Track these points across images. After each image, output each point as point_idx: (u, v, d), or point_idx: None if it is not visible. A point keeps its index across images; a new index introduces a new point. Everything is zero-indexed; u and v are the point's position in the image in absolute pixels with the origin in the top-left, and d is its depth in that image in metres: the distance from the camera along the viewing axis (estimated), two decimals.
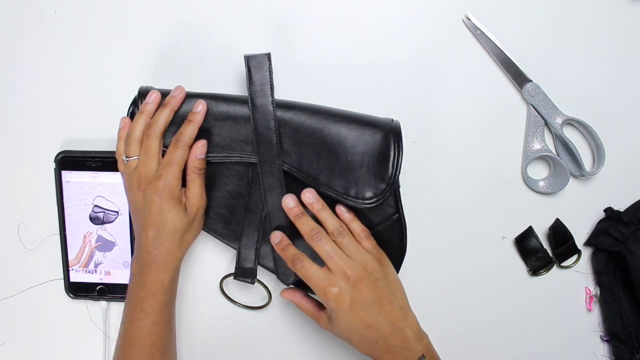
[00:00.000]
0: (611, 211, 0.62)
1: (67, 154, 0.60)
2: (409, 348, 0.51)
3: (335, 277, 0.50)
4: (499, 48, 0.61)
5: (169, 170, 0.51)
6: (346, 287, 0.49)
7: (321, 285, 0.50)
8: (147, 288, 0.52)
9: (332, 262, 0.51)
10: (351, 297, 0.49)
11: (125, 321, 0.53)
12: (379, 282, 0.51)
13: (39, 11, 0.60)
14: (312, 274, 0.50)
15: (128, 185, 0.53)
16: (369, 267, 0.51)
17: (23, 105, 0.61)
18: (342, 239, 0.52)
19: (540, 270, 0.63)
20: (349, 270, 0.50)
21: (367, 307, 0.50)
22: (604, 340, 0.65)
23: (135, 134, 0.53)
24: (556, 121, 0.61)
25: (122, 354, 0.52)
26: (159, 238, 0.52)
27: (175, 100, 0.53)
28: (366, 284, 0.50)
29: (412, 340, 0.51)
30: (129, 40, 0.61)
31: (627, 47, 0.63)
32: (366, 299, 0.50)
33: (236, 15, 0.61)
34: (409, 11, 0.62)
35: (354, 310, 0.50)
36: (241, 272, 0.57)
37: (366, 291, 0.50)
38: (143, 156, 0.52)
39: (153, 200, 0.51)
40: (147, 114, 0.53)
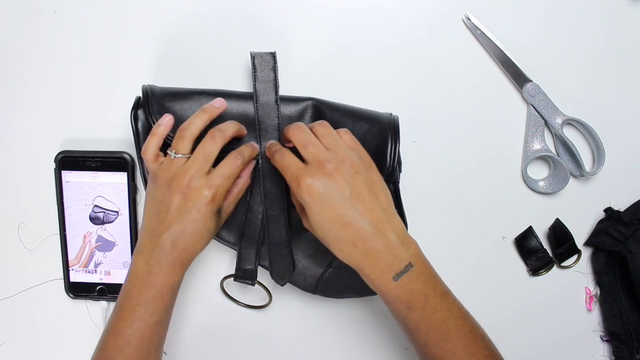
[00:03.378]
0: (611, 211, 0.62)
1: (67, 154, 0.60)
2: (393, 254, 0.46)
3: (310, 167, 0.46)
4: (499, 48, 0.61)
5: (223, 182, 0.49)
6: (320, 177, 0.45)
7: (295, 175, 0.46)
8: (157, 289, 0.49)
9: (306, 150, 0.47)
10: (325, 188, 0.45)
11: (123, 318, 0.49)
12: (359, 177, 0.46)
13: (39, 11, 0.60)
14: (289, 164, 0.47)
15: (162, 182, 0.49)
16: (348, 160, 0.46)
17: (23, 105, 0.61)
18: (321, 128, 0.48)
19: (540, 270, 0.63)
20: (325, 159, 0.46)
21: (343, 201, 0.45)
22: (604, 340, 0.65)
23: (193, 130, 0.50)
24: (556, 121, 0.61)
25: (114, 350, 0.49)
26: (184, 242, 0.49)
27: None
28: (343, 175, 0.45)
29: (396, 246, 0.46)
30: (130, 40, 0.61)
31: (627, 47, 0.63)
32: (342, 191, 0.45)
33: (236, 14, 0.61)
34: (409, 11, 0.62)
35: (328, 204, 0.45)
36: (242, 274, 0.57)
37: (342, 183, 0.45)
38: (199, 159, 0.49)
39: (196, 207, 0.48)
40: (212, 114, 0.51)
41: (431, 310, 0.47)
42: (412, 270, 0.47)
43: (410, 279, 0.47)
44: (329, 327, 0.63)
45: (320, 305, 0.63)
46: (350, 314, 0.63)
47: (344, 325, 0.63)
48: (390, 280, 0.46)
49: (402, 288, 0.47)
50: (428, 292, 0.47)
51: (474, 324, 0.50)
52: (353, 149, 0.48)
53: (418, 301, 0.47)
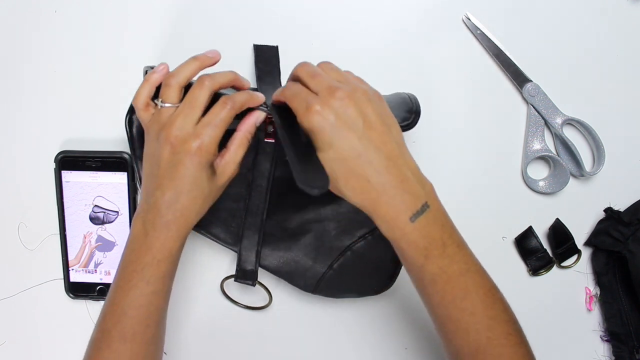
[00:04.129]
0: (611, 211, 0.62)
1: (67, 154, 0.59)
2: (409, 191, 0.43)
3: (321, 95, 0.42)
4: (499, 48, 0.61)
5: (210, 131, 0.44)
6: (332, 103, 0.41)
7: (305, 102, 0.42)
8: (152, 255, 0.46)
9: (314, 80, 0.43)
10: (337, 115, 0.41)
11: (120, 287, 0.47)
12: (371, 105, 0.43)
13: (39, 11, 0.60)
14: (297, 92, 0.43)
15: (153, 135, 0.46)
16: (359, 89, 0.43)
17: (23, 105, 0.61)
18: (327, 65, 0.45)
19: (540, 270, 0.63)
20: (336, 86, 0.42)
21: (356, 129, 0.42)
22: (604, 340, 0.65)
23: (181, 78, 0.46)
24: (556, 121, 0.61)
25: (112, 321, 0.47)
26: (178, 202, 0.45)
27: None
28: (355, 101, 0.42)
29: (412, 183, 0.43)
30: (130, 40, 0.61)
31: (627, 47, 0.63)
32: (355, 119, 0.42)
33: (235, 14, 0.61)
34: (408, 11, 0.62)
35: (339, 130, 0.41)
36: (242, 275, 0.57)
37: (354, 110, 0.42)
38: (185, 106, 0.45)
39: (182, 160, 0.44)
40: (204, 63, 0.47)
41: (449, 260, 0.44)
42: (428, 212, 0.43)
43: (427, 221, 0.43)
44: (329, 327, 0.63)
45: (320, 305, 0.63)
46: (350, 314, 0.63)
47: (344, 326, 0.63)
48: (406, 221, 0.43)
49: (419, 231, 0.43)
50: (445, 238, 0.44)
51: (493, 283, 0.47)
52: (362, 83, 0.46)
53: (435, 248, 0.44)
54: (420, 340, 0.62)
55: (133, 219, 0.48)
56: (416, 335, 0.62)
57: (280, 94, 0.45)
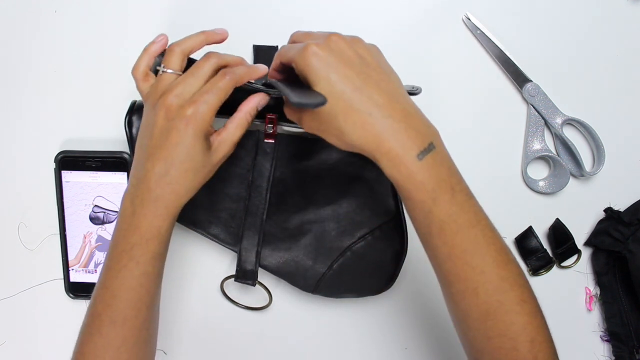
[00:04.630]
0: (611, 211, 0.62)
1: (67, 154, 0.60)
2: (414, 127, 0.40)
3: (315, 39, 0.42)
4: (499, 48, 0.61)
5: (207, 98, 0.43)
6: (327, 42, 0.41)
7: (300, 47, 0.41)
8: (140, 234, 0.44)
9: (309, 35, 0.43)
10: (333, 52, 0.40)
11: (109, 267, 0.45)
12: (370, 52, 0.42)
13: (39, 11, 0.60)
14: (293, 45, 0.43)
15: (150, 104, 0.45)
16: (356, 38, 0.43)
17: (23, 105, 0.61)
18: (322, 33, 0.44)
19: (540, 270, 0.63)
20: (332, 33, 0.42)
21: (354, 66, 0.41)
22: (604, 340, 0.65)
23: (186, 46, 0.45)
24: (556, 121, 0.61)
25: (102, 305, 0.45)
26: (168, 175, 0.43)
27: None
28: (352, 45, 0.42)
29: (416, 119, 0.41)
30: (130, 40, 0.61)
31: (627, 47, 0.63)
32: (352, 58, 0.41)
33: (236, 14, 0.61)
34: (408, 11, 0.62)
35: (337, 65, 0.40)
36: (242, 274, 0.57)
37: (352, 52, 0.41)
38: (188, 75, 0.44)
39: (176, 126, 0.42)
40: (211, 38, 0.47)
41: (458, 207, 0.41)
42: (435, 152, 0.41)
43: (434, 161, 0.41)
44: (329, 327, 0.63)
45: (320, 305, 0.63)
46: (350, 314, 0.63)
47: (344, 326, 0.63)
48: (414, 159, 0.40)
49: (427, 170, 0.40)
50: (454, 183, 0.41)
51: (504, 243, 0.44)
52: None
53: (445, 192, 0.41)
54: (420, 341, 0.62)
55: (122, 197, 0.46)
56: (416, 335, 0.62)
57: (276, 57, 0.45)
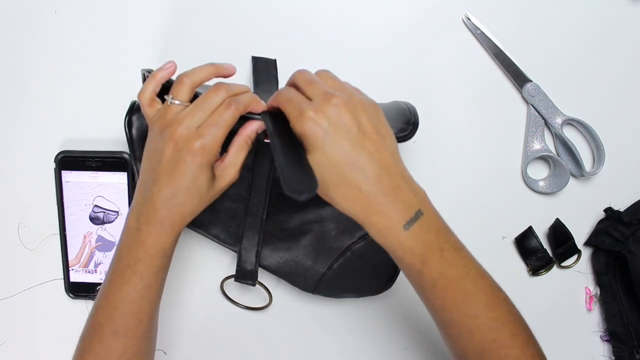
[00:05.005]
0: (611, 211, 0.62)
1: (67, 154, 0.60)
2: (401, 199, 0.42)
3: (315, 101, 0.41)
4: (499, 48, 0.61)
5: (214, 131, 0.44)
6: (326, 108, 0.40)
7: (298, 106, 0.41)
8: (145, 250, 0.45)
9: (310, 87, 0.42)
10: (330, 121, 0.40)
11: (112, 281, 0.46)
12: (366, 114, 0.42)
13: (39, 11, 0.60)
14: (291, 97, 0.42)
15: (157, 130, 0.45)
16: (355, 97, 0.42)
17: (23, 105, 0.61)
18: (324, 73, 0.44)
19: (540, 270, 0.63)
20: (332, 93, 0.41)
21: (350, 138, 0.41)
22: (604, 340, 0.65)
23: (195, 78, 0.46)
24: (556, 121, 0.61)
25: (104, 316, 0.46)
26: (174, 199, 0.45)
27: None
28: (350, 108, 0.41)
29: (405, 191, 0.42)
30: (130, 40, 0.61)
31: (627, 47, 0.63)
32: (349, 127, 0.41)
33: (236, 14, 0.61)
34: (408, 11, 0.62)
35: (334, 137, 0.40)
36: (242, 274, 0.57)
37: (349, 117, 0.41)
38: (196, 108, 0.44)
39: (184, 158, 0.44)
40: (220, 71, 0.47)
41: (447, 264, 0.43)
42: (422, 218, 0.43)
43: (421, 228, 0.43)
44: (329, 327, 0.63)
45: (320, 305, 0.63)
46: (350, 314, 0.63)
47: (344, 326, 0.63)
48: (400, 230, 0.42)
49: (414, 238, 0.42)
50: (442, 243, 0.43)
51: (495, 284, 0.46)
52: (359, 93, 0.45)
53: (433, 253, 0.43)
54: (420, 341, 0.63)
55: (128, 213, 0.48)
56: (416, 336, 0.62)
57: (273, 99, 0.45)
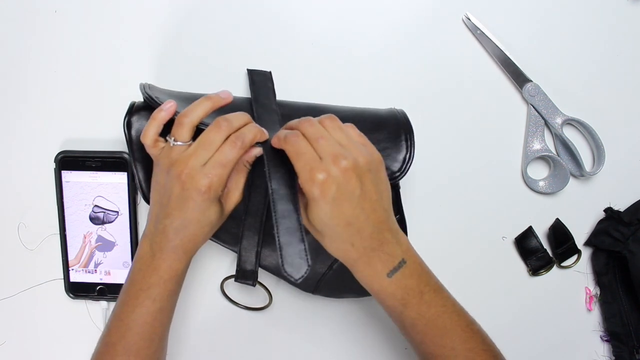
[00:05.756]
0: (611, 211, 0.62)
1: (67, 154, 0.59)
2: (387, 252, 0.46)
3: (325, 161, 0.43)
4: (499, 48, 0.61)
5: (220, 171, 0.46)
6: (336, 174, 0.42)
7: (309, 166, 0.43)
8: (159, 275, 0.48)
9: (320, 144, 0.44)
10: (338, 187, 0.42)
11: (126, 303, 0.49)
12: (370, 175, 0.44)
13: (39, 11, 0.60)
14: (303, 151, 0.43)
15: (163, 168, 0.47)
16: (361, 157, 0.44)
17: (23, 105, 0.61)
18: (330, 122, 0.46)
19: (540, 270, 0.63)
20: (340, 154, 0.43)
21: (352, 201, 0.43)
22: (604, 340, 0.65)
23: (194, 117, 0.47)
24: (556, 121, 0.61)
25: (117, 336, 0.48)
26: (186, 229, 0.47)
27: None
28: (357, 172, 0.43)
29: (391, 244, 0.46)
30: (130, 40, 0.61)
31: (627, 47, 0.63)
32: (353, 191, 0.43)
33: (236, 15, 0.61)
34: (409, 11, 0.62)
35: (337, 202, 0.43)
36: (242, 275, 0.57)
37: (355, 181, 0.43)
38: (199, 148, 0.46)
39: (192, 196, 0.46)
40: (216, 104, 0.48)
41: (426, 305, 0.47)
42: (405, 267, 0.46)
43: (403, 275, 0.46)
44: (329, 327, 0.63)
45: (320, 305, 0.63)
46: (350, 314, 0.63)
47: (344, 325, 0.63)
48: (384, 277, 0.46)
49: (396, 284, 0.46)
50: (422, 287, 0.47)
51: (470, 319, 0.50)
52: (363, 144, 0.46)
53: (413, 297, 0.47)
54: None
55: (141, 238, 0.50)
56: None
57: (282, 143, 0.45)
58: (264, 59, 0.61)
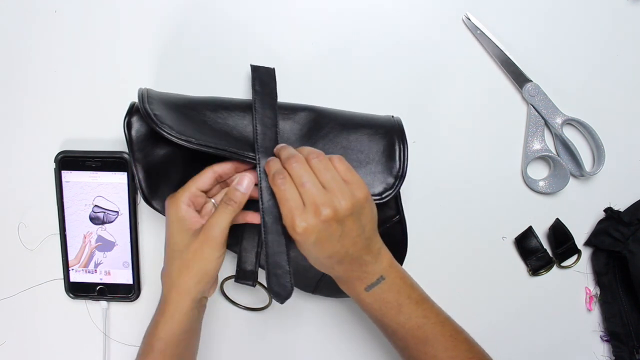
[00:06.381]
0: (611, 211, 0.62)
1: (67, 154, 0.59)
2: (365, 271, 0.49)
3: (306, 211, 0.46)
4: (499, 48, 0.61)
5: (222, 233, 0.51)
6: (315, 224, 0.45)
7: (291, 214, 0.46)
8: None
9: (304, 191, 0.46)
10: (318, 234, 0.46)
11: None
12: (352, 218, 0.47)
13: (39, 11, 0.60)
14: (288, 197, 0.46)
15: None
16: (344, 202, 0.46)
17: (23, 105, 0.61)
18: (318, 163, 0.47)
19: (540, 270, 0.63)
20: (322, 205, 0.45)
21: (332, 241, 0.47)
22: (604, 340, 0.65)
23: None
24: (556, 121, 0.61)
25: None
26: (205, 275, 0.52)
27: None
28: (338, 220, 0.46)
29: (370, 264, 0.49)
30: (130, 40, 0.61)
31: (627, 47, 0.63)
32: (333, 234, 0.46)
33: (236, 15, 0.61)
34: (409, 11, 0.62)
35: (318, 245, 0.46)
36: (242, 275, 0.57)
37: (336, 228, 0.46)
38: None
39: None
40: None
41: (405, 317, 0.50)
42: (384, 282, 0.50)
43: (381, 290, 0.50)
44: (329, 327, 0.63)
45: (320, 305, 0.63)
46: (350, 314, 0.63)
47: (344, 326, 0.63)
48: (362, 291, 0.50)
49: (373, 297, 0.50)
50: (401, 300, 0.50)
51: (456, 328, 0.52)
52: (348, 182, 0.48)
53: (390, 309, 0.50)
54: None
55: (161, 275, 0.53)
56: None
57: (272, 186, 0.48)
58: (264, 59, 0.61)
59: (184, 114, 0.53)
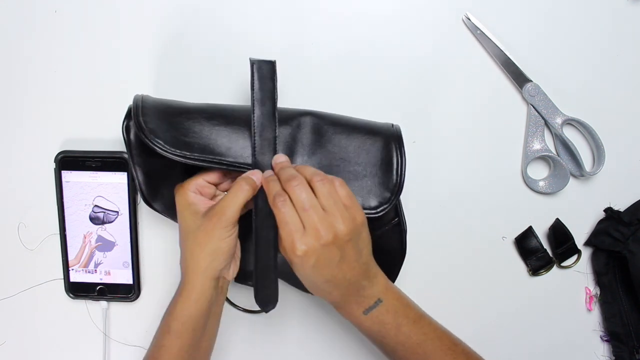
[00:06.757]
0: (611, 211, 0.62)
1: (67, 154, 0.60)
2: (362, 295, 0.50)
3: (307, 235, 0.46)
4: (499, 48, 0.61)
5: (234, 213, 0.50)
6: (315, 247, 0.46)
7: (291, 237, 0.46)
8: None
9: (306, 215, 0.46)
10: (317, 258, 0.46)
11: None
12: (351, 243, 0.47)
13: (39, 11, 0.60)
14: (288, 220, 0.46)
15: None
16: (343, 226, 0.47)
17: (23, 105, 0.61)
18: (322, 187, 0.47)
19: (540, 270, 0.63)
20: (322, 229, 0.46)
21: (331, 266, 0.47)
22: (604, 340, 0.65)
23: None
24: (556, 121, 0.61)
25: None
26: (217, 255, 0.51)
27: None
28: (338, 245, 0.46)
29: (367, 288, 0.50)
30: (130, 40, 0.61)
31: (627, 47, 0.63)
32: (332, 259, 0.47)
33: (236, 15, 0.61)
34: (409, 11, 0.62)
35: (316, 269, 0.47)
36: (242, 275, 0.57)
37: (335, 252, 0.47)
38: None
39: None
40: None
41: (405, 336, 0.51)
42: (381, 305, 0.50)
43: (379, 312, 0.50)
44: (329, 327, 0.63)
45: (320, 306, 0.63)
46: None
47: (343, 326, 0.63)
48: (360, 314, 0.50)
49: (372, 320, 0.50)
50: (400, 321, 0.51)
51: (454, 340, 0.53)
52: (348, 207, 0.48)
53: (390, 330, 0.50)
54: None
55: (180, 264, 0.53)
56: None
57: (272, 207, 0.47)
58: (263, 58, 0.61)
59: (179, 123, 0.52)
